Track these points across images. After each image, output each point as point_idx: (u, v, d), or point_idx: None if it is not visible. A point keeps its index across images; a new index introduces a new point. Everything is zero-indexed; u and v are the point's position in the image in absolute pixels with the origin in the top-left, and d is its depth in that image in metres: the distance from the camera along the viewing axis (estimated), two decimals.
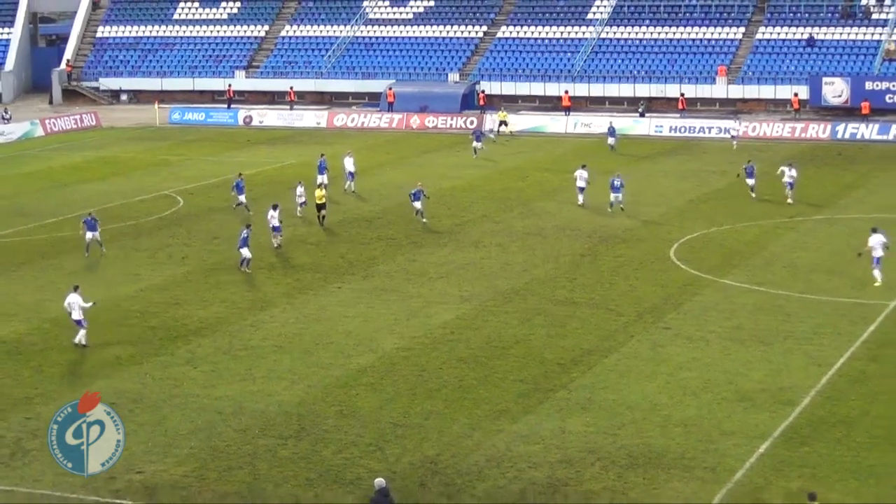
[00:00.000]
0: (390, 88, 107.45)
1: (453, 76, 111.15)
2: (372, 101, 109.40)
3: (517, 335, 46.10)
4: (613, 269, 55.47)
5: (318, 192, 64.83)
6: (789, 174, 67.68)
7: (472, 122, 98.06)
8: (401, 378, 42.12)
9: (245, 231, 55.84)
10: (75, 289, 46.16)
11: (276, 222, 59.36)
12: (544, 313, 48.84)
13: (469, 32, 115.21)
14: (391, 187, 74.46)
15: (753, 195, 68.79)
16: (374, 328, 47.31)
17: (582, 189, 68.15)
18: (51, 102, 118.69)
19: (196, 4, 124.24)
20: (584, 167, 68.93)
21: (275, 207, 59.65)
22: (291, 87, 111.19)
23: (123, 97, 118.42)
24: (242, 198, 67.22)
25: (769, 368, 42.15)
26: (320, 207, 64.21)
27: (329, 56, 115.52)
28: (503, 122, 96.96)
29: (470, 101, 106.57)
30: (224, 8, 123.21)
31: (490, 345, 45.12)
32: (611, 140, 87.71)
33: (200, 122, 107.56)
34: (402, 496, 32.98)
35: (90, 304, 46.21)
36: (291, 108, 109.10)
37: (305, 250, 59.66)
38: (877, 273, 50.33)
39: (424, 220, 63.84)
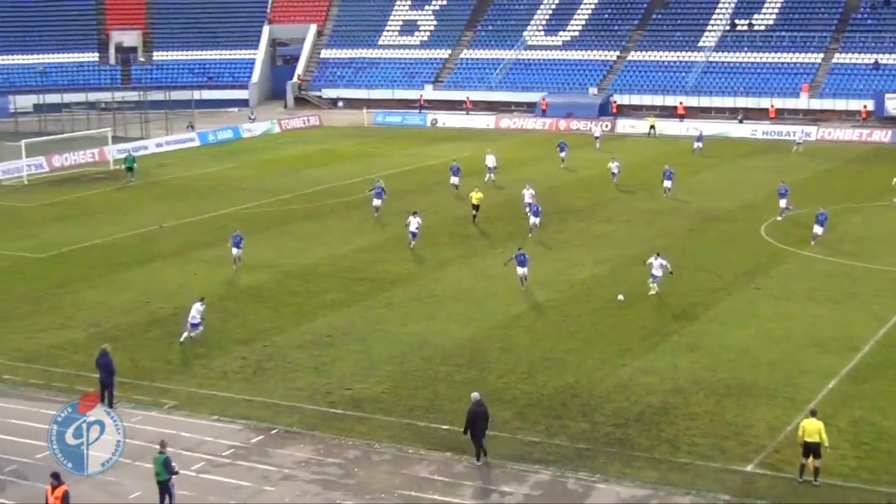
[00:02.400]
0: (543, 99, 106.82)
1: (593, 90, 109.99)
2: (529, 108, 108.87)
3: (640, 291, 45.66)
4: (715, 241, 54.67)
5: (475, 195, 59.62)
6: None
7: (585, 130, 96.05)
8: (549, 322, 42.11)
9: (518, 252, 47.30)
10: (201, 300, 40.58)
11: (413, 228, 53.66)
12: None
13: (605, 56, 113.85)
14: (543, 175, 74.08)
15: (780, 218, 58.74)
16: (528, 283, 47.25)
17: (614, 174, 69.74)
18: (285, 107, 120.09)
19: (396, 33, 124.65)
20: (613, 159, 71.34)
21: (414, 214, 54.63)
22: (468, 97, 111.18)
23: (340, 104, 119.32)
24: (378, 202, 61.22)
25: (838, 322, 41.31)
26: (476, 207, 59.10)
27: (497, 73, 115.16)
28: (652, 127, 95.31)
29: (605, 109, 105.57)
30: (416, 35, 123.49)
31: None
32: (697, 144, 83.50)
33: (398, 123, 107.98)
34: (548, 412, 33.20)
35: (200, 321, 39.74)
36: (467, 113, 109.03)
37: (473, 224, 59.67)
38: (652, 284, 45.38)
39: (531, 234, 55.65)
